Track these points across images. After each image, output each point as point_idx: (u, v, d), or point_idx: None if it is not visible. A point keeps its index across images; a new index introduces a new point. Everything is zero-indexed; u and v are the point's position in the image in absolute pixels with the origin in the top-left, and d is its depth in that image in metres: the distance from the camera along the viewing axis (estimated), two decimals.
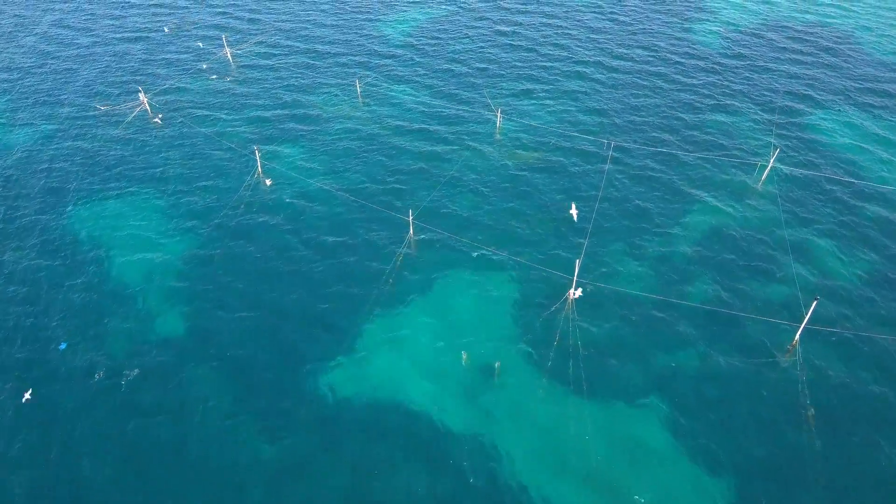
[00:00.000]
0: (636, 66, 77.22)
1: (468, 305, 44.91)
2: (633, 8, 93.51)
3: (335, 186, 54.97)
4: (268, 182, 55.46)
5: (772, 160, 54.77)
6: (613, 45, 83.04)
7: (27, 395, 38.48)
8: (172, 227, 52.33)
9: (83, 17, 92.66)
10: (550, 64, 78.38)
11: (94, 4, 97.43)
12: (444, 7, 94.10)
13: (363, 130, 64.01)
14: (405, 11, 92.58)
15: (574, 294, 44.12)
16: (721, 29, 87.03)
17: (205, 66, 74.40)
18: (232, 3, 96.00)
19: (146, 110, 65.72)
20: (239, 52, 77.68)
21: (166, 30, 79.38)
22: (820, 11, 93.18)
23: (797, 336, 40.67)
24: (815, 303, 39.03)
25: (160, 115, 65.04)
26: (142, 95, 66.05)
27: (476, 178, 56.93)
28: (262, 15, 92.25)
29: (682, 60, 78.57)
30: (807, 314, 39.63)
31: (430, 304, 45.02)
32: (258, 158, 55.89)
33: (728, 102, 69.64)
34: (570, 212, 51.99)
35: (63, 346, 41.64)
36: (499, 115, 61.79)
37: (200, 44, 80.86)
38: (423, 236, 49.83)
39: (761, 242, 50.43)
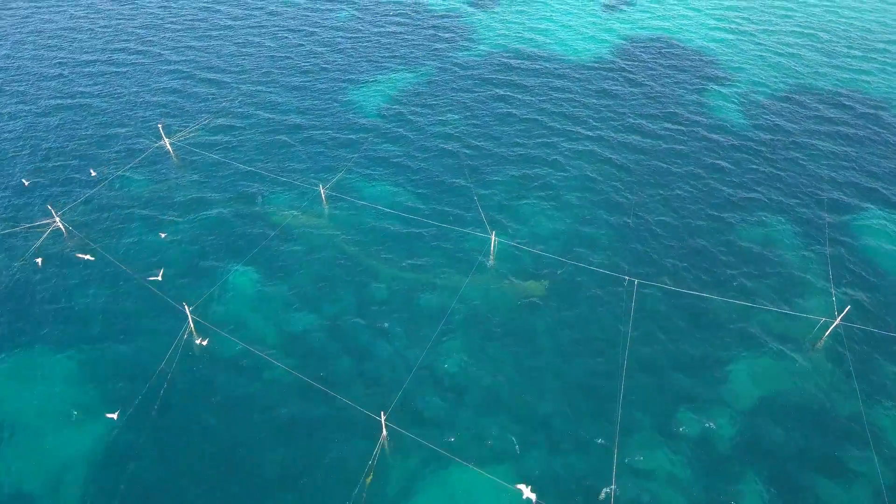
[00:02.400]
0: (655, 146, 66.48)
1: None
2: (646, 71, 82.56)
3: (283, 357, 43.06)
4: (203, 342, 43.67)
5: (838, 319, 44.02)
6: (627, 114, 72.23)
7: None
8: (81, 407, 40.52)
9: None
10: (555, 140, 67.35)
11: None
12: (431, 68, 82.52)
13: (328, 250, 52.34)
14: (385, 75, 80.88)
15: None
16: (741, 95, 76.53)
17: (93, 173, 59.95)
18: (177, 75, 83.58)
19: (60, 230, 53.37)
20: (180, 141, 65.39)
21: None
22: (845, 73, 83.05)
23: None
24: None
25: (76, 239, 52.72)
26: (53, 213, 53.61)
27: (465, 327, 45.54)
28: (212, 88, 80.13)
29: (706, 136, 67.96)
30: None
31: None
32: (189, 314, 43.93)
33: (769, 198, 59.07)
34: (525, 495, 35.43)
35: None
36: (493, 238, 50.42)
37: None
38: (400, 439, 38.37)
39: (830, 428, 39.80)
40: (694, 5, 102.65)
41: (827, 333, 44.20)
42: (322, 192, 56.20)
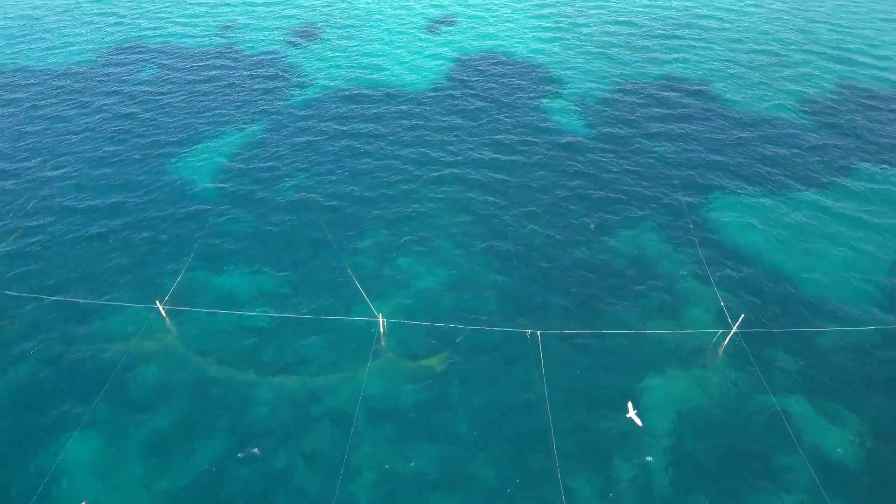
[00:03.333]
0: (516, 161, 64.70)
1: None
2: (487, 85, 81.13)
3: None
4: None
5: (734, 327, 44.35)
6: (481, 133, 69.92)
7: None
8: None
9: None
10: (418, 174, 63.19)
11: None
12: (265, 116, 74.37)
13: (185, 372, 43.34)
14: (213, 130, 71.39)
15: None
16: (579, 95, 77.86)
17: None
18: None
19: None
20: None
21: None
22: (665, 55, 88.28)
23: None
24: None
25: None
26: None
27: (373, 432, 39.65)
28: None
29: (559, 143, 67.51)
30: None
31: None
32: None
33: (633, 197, 59.40)
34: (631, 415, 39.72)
35: None
36: (381, 320, 44.87)
37: None
38: None
39: (753, 433, 39.82)
40: (515, 7, 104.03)
41: (727, 340, 44.48)
42: (161, 308, 46.50)
